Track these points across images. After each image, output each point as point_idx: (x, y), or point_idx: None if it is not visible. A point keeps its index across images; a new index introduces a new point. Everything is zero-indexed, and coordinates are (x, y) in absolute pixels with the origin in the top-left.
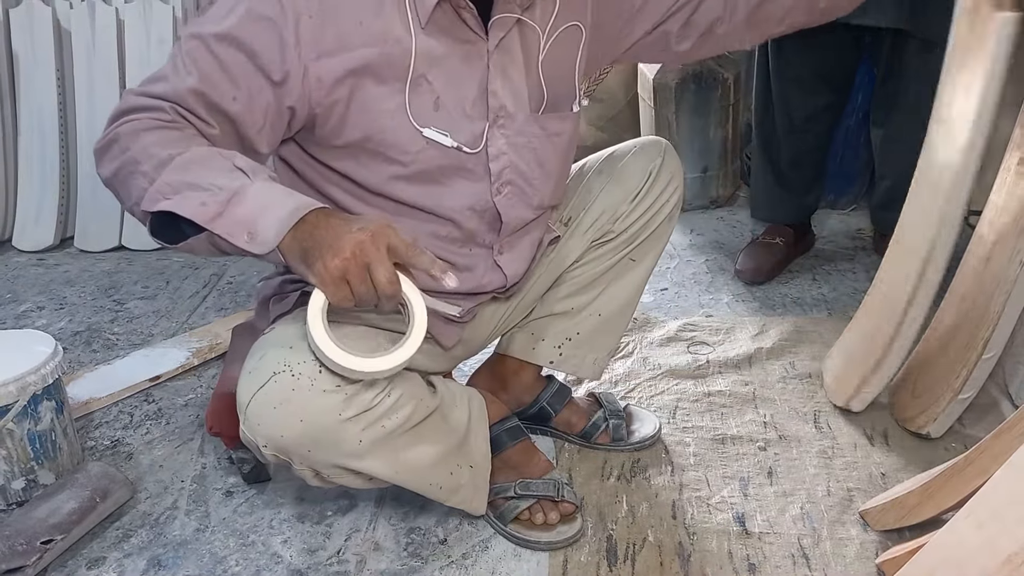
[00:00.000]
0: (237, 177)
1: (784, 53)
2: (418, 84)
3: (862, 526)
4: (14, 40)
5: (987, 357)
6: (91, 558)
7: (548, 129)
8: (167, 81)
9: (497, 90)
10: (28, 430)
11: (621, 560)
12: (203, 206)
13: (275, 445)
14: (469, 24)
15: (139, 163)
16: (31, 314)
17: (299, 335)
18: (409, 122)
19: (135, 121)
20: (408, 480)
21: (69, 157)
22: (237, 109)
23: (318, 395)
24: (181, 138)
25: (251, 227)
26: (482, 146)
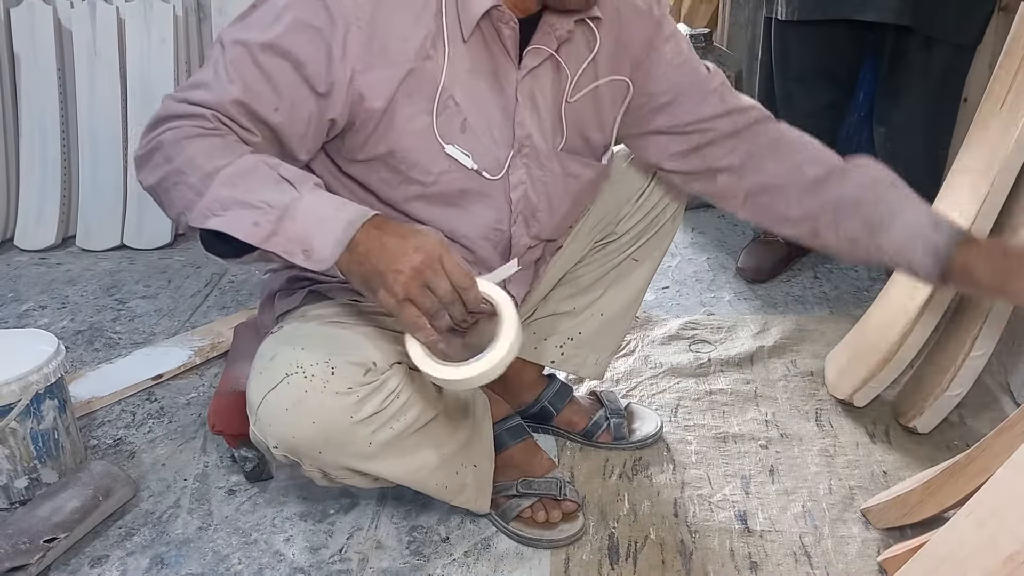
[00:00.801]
0: (286, 190)
1: (787, 50)
2: (446, 104)
3: (864, 524)
4: (15, 40)
5: (976, 355)
6: (94, 556)
7: (567, 169)
8: (209, 88)
9: (524, 120)
10: (31, 429)
11: (623, 558)
12: (256, 226)
13: (286, 446)
14: (507, 45)
15: (184, 174)
16: (33, 313)
17: (311, 335)
18: (435, 141)
19: (177, 129)
20: (415, 481)
21: (70, 156)
22: (280, 120)
23: (331, 397)
24: (225, 146)
25: (306, 244)
26: (503, 174)
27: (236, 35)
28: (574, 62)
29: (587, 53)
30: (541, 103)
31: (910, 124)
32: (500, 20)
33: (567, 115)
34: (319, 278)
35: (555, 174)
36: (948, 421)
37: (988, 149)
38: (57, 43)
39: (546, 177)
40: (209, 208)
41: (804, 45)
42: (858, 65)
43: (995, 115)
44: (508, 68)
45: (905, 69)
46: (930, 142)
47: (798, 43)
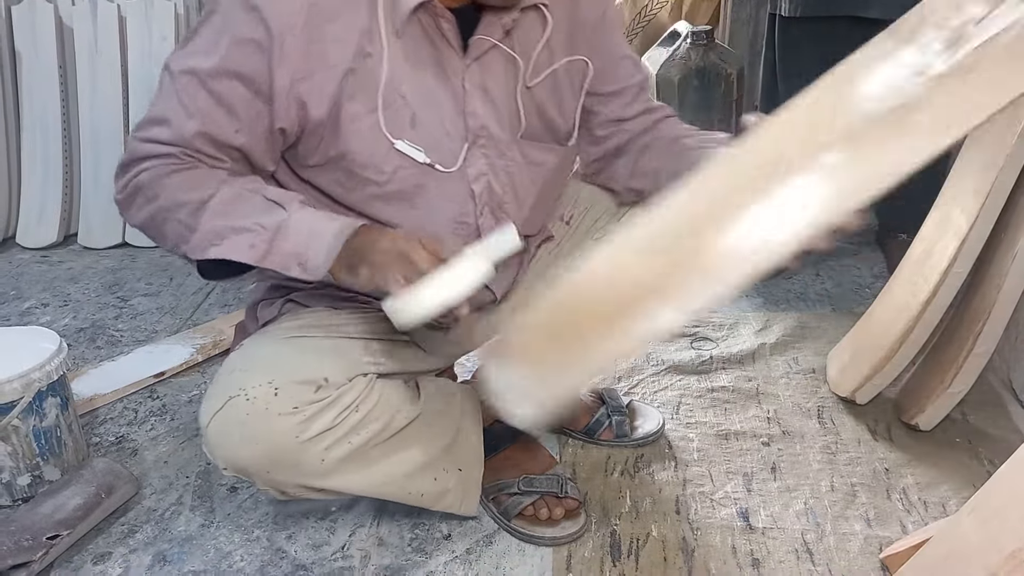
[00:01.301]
0: (274, 211)
1: (790, 46)
2: (392, 100)
3: (866, 521)
4: (16, 37)
5: (979, 352)
6: (97, 553)
7: (528, 156)
8: (169, 126)
9: (476, 110)
10: (33, 426)
11: (625, 555)
12: (252, 248)
13: (234, 467)
14: (448, 36)
15: (171, 211)
16: (35, 311)
17: (261, 354)
18: (384, 139)
19: (151, 170)
20: (383, 492)
21: (72, 154)
22: (243, 140)
23: (273, 418)
24: (204, 178)
25: (301, 258)
26: (458, 165)
27: (184, 63)
28: (527, 47)
29: (539, 37)
30: (495, 91)
31: None
32: (435, 13)
33: (524, 101)
34: (295, 286)
35: (517, 163)
36: (950, 418)
37: (991, 145)
38: (58, 41)
39: (509, 167)
40: (206, 240)
41: (807, 41)
42: None
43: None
44: (453, 59)
45: None
46: None
47: (801, 39)
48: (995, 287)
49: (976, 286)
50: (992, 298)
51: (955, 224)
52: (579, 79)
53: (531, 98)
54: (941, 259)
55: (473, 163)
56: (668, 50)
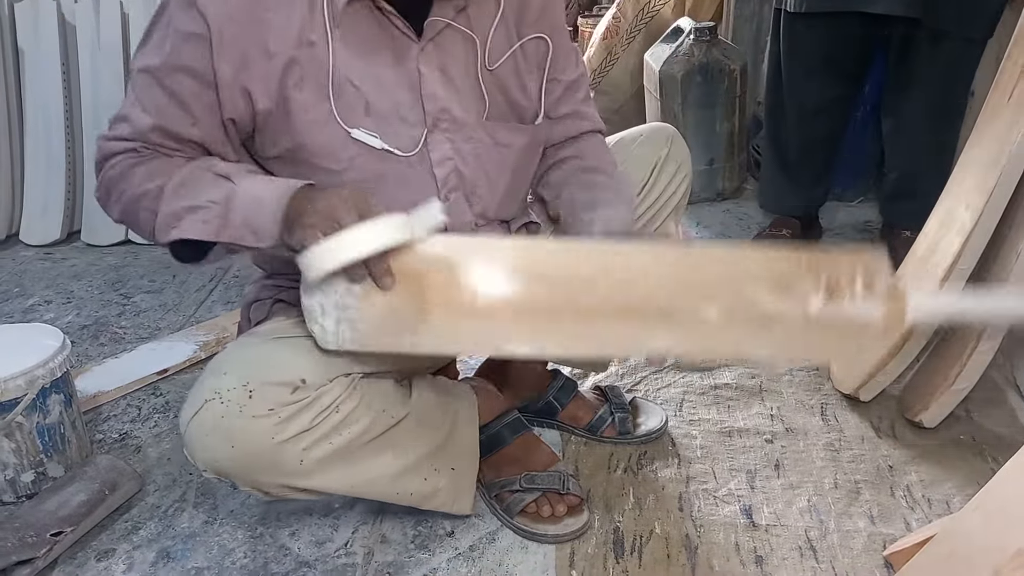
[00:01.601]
0: (222, 185)
1: (796, 42)
2: (343, 88)
3: (869, 518)
4: (19, 34)
5: (983, 349)
6: (100, 550)
7: (495, 138)
8: (129, 122)
9: (435, 93)
10: (37, 423)
11: (628, 552)
12: (205, 224)
13: (213, 469)
14: (396, 24)
15: (138, 201)
16: (39, 308)
17: (240, 356)
18: (339, 128)
19: (116, 165)
20: (369, 492)
21: (75, 151)
22: (198, 133)
23: (247, 421)
24: (163, 166)
25: (252, 226)
26: (417, 150)
27: (141, 62)
28: (482, 27)
29: (493, 15)
30: (454, 73)
31: (918, 117)
32: (375, 5)
33: (486, 82)
34: (285, 284)
35: (485, 144)
36: (954, 416)
37: (995, 142)
38: (61, 37)
39: (477, 149)
40: (166, 223)
41: (813, 37)
42: (866, 59)
43: (1003, 108)
44: (404, 43)
45: (913, 62)
46: (937, 135)
47: (807, 35)
48: (999, 284)
49: (980, 283)
50: None
51: (959, 220)
52: (540, 58)
53: (493, 79)
54: (945, 255)
55: (436, 147)
56: (671, 46)
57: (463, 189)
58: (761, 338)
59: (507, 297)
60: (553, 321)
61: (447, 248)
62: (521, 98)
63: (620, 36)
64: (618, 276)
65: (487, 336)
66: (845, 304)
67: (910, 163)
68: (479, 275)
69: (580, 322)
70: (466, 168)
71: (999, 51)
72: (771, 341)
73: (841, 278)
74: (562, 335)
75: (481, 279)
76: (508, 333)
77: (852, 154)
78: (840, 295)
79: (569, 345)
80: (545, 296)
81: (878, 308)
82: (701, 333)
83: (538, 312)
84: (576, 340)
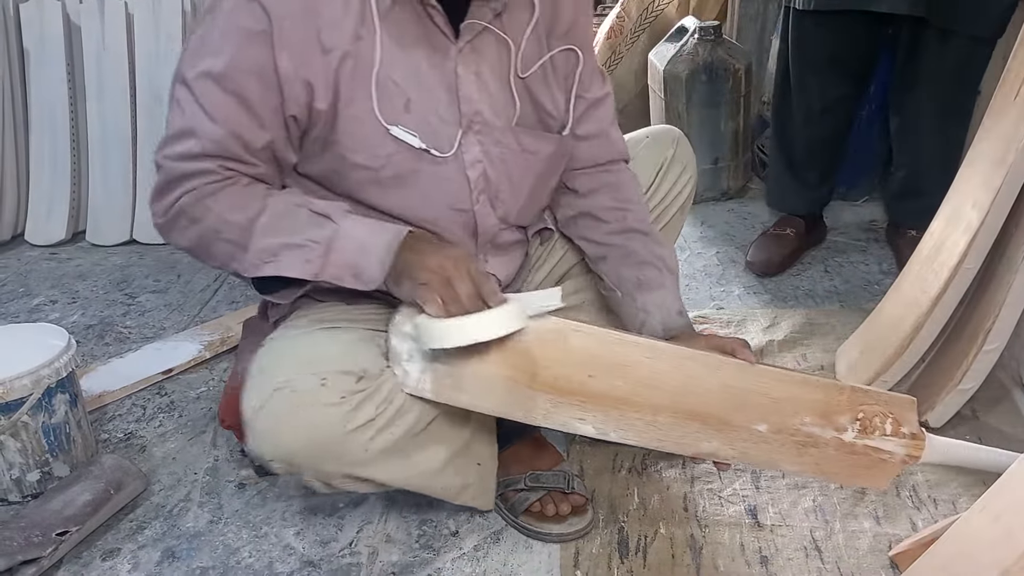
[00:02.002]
0: (323, 224)
1: (803, 39)
2: (385, 85)
3: (875, 519)
4: (24, 35)
5: (989, 349)
6: (106, 549)
7: (523, 144)
8: (196, 137)
9: (471, 95)
10: (42, 423)
11: (633, 552)
12: (307, 263)
13: (282, 459)
14: (436, 22)
15: (219, 232)
16: (44, 308)
17: (300, 345)
18: (378, 124)
19: (193, 191)
20: (418, 484)
21: (80, 152)
22: (268, 136)
23: (321, 409)
24: (245, 195)
25: (355, 269)
26: (453, 151)
27: (196, 69)
28: (516, 33)
29: (528, 21)
30: (488, 77)
31: (925, 116)
32: (421, 2)
33: (518, 88)
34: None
35: (512, 150)
36: (960, 416)
37: (1002, 140)
38: (66, 38)
39: (504, 154)
40: (259, 258)
41: (820, 35)
42: (873, 58)
43: (1009, 106)
44: (444, 43)
45: (921, 60)
46: (945, 134)
47: (814, 33)
48: (1006, 283)
49: (987, 282)
50: (1003, 294)
51: (966, 219)
52: (569, 70)
53: (524, 87)
54: (951, 255)
55: (468, 149)
56: (676, 46)
57: (488, 192)
58: (797, 456)
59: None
60: (623, 411)
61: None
62: (550, 108)
63: (624, 35)
64: (691, 382)
65: (561, 413)
66: (874, 440)
67: (918, 162)
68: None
69: (646, 416)
70: (492, 171)
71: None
72: (804, 460)
73: (875, 417)
74: (628, 425)
75: (569, 362)
76: (582, 414)
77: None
78: (871, 431)
79: (631, 436)
80: (621, 387)
81: (900, 448)
82: (747, 444)
83: (612, 400)
84: (639, 432)
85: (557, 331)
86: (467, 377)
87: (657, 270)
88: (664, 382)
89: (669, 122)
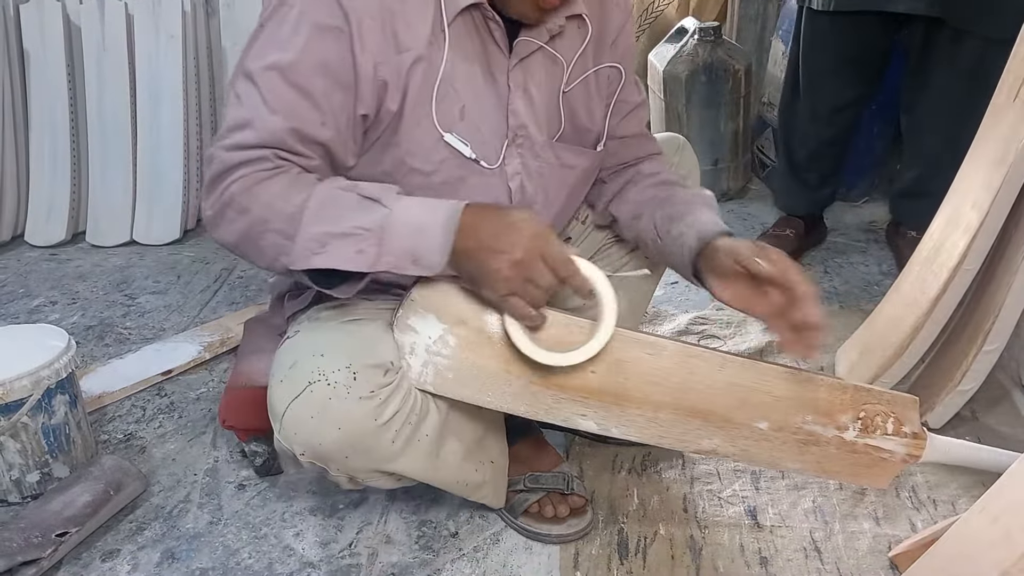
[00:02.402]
0: (373, 209)
1: (816, 39)
2: (445, 92)
3: (875, 519)
4: (25, 36)
5: (988, 349)
6: (105, 551)
7: (562, 159)
8: (253, 127)
9: (518, 110)
10: (42, 424)
11: (632, 553)
12: (360, 254)
13: (313, 453)
14: (495, 36)
15: (268, 221)
16: (44, 309)
17: (328, 338)
18: (434, 128)
19: (243, 179)
20: (439, 478)
21: (80, 153)
22: (329, 134)
23: (355, 402)
24: (295, 183)
25: (414, 255)
26: (499, 163)
27: (261, 61)
28: (568, 52)
29: (580, 43)
30: (535, 93)
31: (936, 115)
32: (484, 15)
33: (565, 102)
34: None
35: (551, 164)
36: (960, 416)
37: (1001, 141)
38: (66, 39)
39: (542, 168)
40: (308, 249)
41: (836, 35)
42: (886, 59)
43: (1008, 106)
44: (499, 57)
45: (934, 60)
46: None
47: (829, 33)
48: (1005, 284)
49: (986, 283)
50: (1002, 295)
51: (965, 220)
52: (611, 85)
53: (567, 102)
54: (951, 256)
55: (510, 161)
56: (675, 46)
57: (523, 203)
58: (798, 455)
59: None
60: (624, 407)
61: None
62: (587, 122)
63: None
64: (692, 379)
65: (563, 408)
66: (875, 439)
67: (928, 162)
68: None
69: (648, 413)
70: (530, 184)
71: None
72: (805, 458)
73: (877, 416)
74: (629, 421)
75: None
76: (584, 410)
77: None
78: (872, 430)
79: (633, 432)
80: (623, 383)
81: (902, 447)
82: (749, 442)
83: (614, 396)
84: (640, 429)
85: (561, 327)
86: (469, 372)
87: (687, 203)
88: (666, 378)
89: (669, 123)
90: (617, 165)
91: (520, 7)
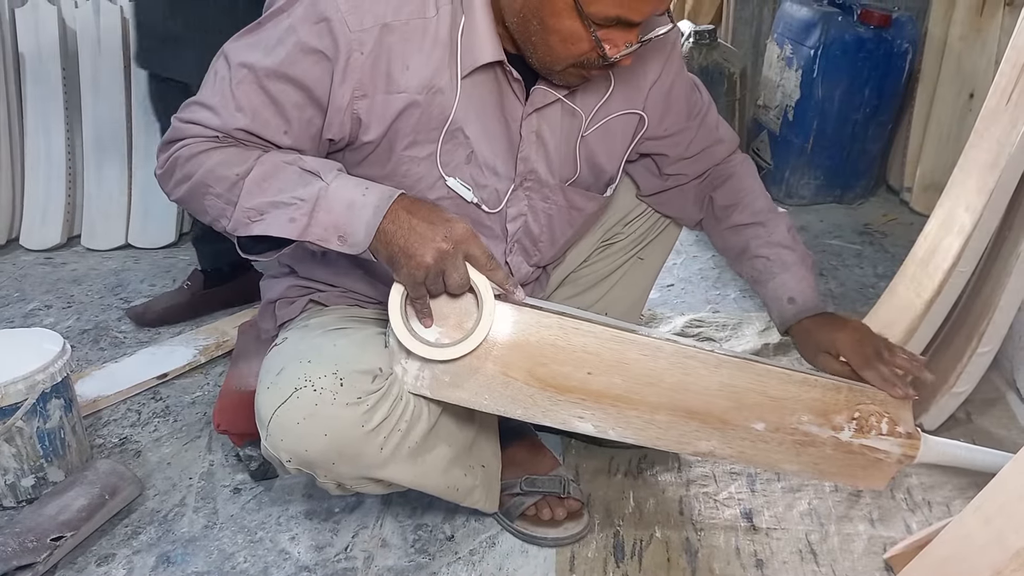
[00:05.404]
0: (311, 181)
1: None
2: (453, 136)
3: (870, 521)
4: (20, 39)
5: (983, 351)
6: (100, 555)
7: (572, 202)
8: (216, 114)
9: (529, 156)
10: (37, 428)
11: (628, 556)
12: (292, 222)
13: (299, 460)
14: (514, 88)
15: (209, 186)
16: (39, 312)
17: (316, 345)
18: (435, 170)
19: (191, 144)
20: (428, 484)
21: (75, 156)
22: (288, 142)
23: (341, 409)
24: (241, 154)
25: (341, 230)
26: (502, 207)
27: (242, 56)
28: (588, 103)
29: (602, 93)
30: (549, 138)
31: None
32: (505, 72)
33: (582, 150)
34: (318, 287)
35: (559, 206)
36: (954, 418)
37: (995, 144)
38: (61, 42)
39: (550, 209)
40: (246, 216)
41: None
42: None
43: (1001, 110)
44: (515, 105)
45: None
46: None
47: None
48: (999, 286)
49: (980, 285)
50: (996, 297)
51: (959, 222)
52: (632, 131)
53: (585, 146)
54: (945, 258)
55: (514, 203)
56: None
57: (526, 242)
58: (795, 456)
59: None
60: (621, 409)
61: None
62: (604, 165)
63: None
64: (689, 379)
65: (561, 410)
66: (870, 439)
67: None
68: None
69: (644, 414)
70: (535, 225)
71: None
72: (802, 459)
73: (872, 417)
74: (626, 423)
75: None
76: (581, 412)
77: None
78: (868, 431)
79: (630, 434)
80: (620, 385)
81: (897, 447)
82: (745, 443)
83: (611, 398)
84: (637, 430)
85: (557, 328)
86: (465, 374)
87: (766, 260)
88: (662, 380)
89: None
90: (695, 176)
91: (565, 78)
